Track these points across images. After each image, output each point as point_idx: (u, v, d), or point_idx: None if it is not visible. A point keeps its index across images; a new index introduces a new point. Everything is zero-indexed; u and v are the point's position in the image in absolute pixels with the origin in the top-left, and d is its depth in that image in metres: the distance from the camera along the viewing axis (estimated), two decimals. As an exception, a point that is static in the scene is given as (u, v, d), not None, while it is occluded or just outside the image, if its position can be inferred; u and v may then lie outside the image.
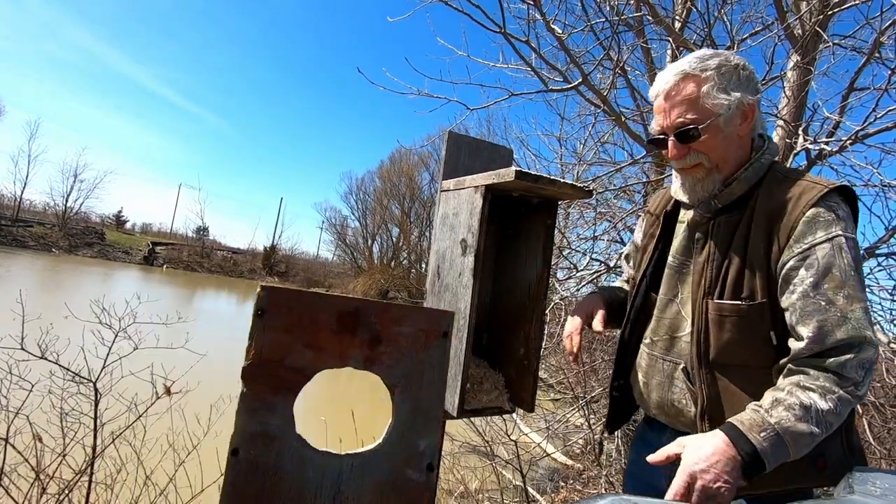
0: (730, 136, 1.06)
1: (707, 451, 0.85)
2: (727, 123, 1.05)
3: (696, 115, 1.05)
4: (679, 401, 1.12)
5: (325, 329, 0.65)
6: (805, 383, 0.90)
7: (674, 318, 1.15)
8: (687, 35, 3.39)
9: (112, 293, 9.73)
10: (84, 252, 27.30)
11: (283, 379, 0.63)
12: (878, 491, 0.72)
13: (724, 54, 1.08)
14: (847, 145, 2.68)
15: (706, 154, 1.07)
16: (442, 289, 1.30)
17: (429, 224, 24.30)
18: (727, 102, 1.04)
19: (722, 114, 1.04)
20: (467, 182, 1.24)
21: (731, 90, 1.04)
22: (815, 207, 0.98)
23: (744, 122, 1.07)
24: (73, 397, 2.44)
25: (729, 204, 1.09)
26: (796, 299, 0.95)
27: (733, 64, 1.06)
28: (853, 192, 1.03)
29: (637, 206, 3.96)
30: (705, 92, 1.04)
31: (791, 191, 1.02)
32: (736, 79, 1.05)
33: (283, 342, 0.63)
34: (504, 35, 2.82)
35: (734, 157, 1.08)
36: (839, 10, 2.64)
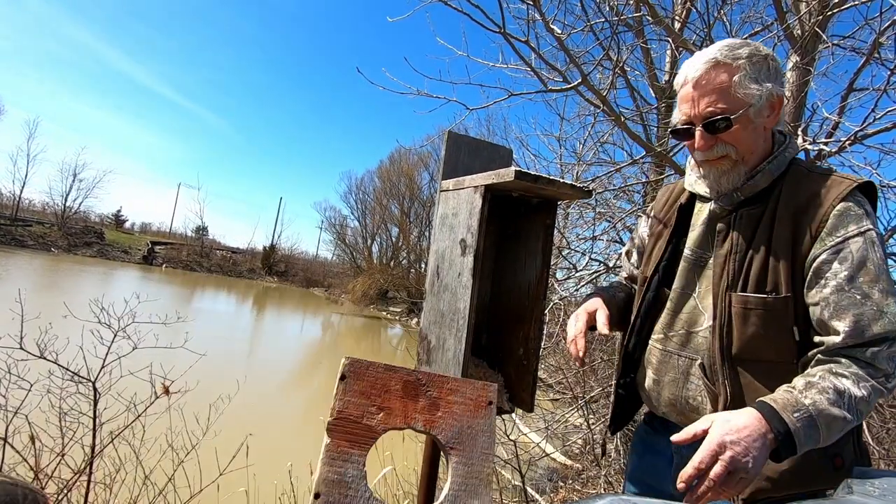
0: (758, 127, 1.04)
1: (738, 424, 0.82)
2: (757, 115, 1.02)
3: (727, 105, 1.01)
4: (694, 398, 1.10)
5: (393, 395, 0.76)
6: (837, 370, 0.89)
7: (690, 313, 1.12)
8: (686, 35, 3.39)
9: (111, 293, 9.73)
10: (83, 251, 27.28)
11: (358, 435, 0.73)
12: (876, 491, 0.73)
13: (754, 44, 1.05)
14: (846, 146, 2.68)
15: (734, 145, 1.04)
16: (441, 289, 1.30)
17: (428, 224, 24.32)
18: (758, 93, 1.01)
19: (753, 104, 1.01)
20: (467, 182, 1.24)
21: (762, 80, 1.02)
22: (845, 202, 0.97)
23: (771, 114, 1.05)
24: (72, 397, 2.44)
25: (751, 196, 1.07)
26: (829, 293, 0.94)
27: (763, 54, 1.04)
28: (875, 189, 1.03)
29: (636, 207, 3.96)
30: (737, 81, 1.01)
31: (818, 185, 1.01)
32: (766, 69, 1.03)
33: (359, 404, 0.74)
34: (503, 35, 2.82)
35: (760, 150, 1.06)
36: (838, 11, 2.64)
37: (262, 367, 9.57)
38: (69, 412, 2.42)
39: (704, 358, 1.08)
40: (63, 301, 2.82)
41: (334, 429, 0.71)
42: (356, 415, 0.73)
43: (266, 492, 3.07)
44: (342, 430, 0.72)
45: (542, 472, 4.60)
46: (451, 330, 1.21)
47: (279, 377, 9.31)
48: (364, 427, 0.74)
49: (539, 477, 4.49)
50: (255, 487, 2.97)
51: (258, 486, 2.99)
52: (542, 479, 4.45)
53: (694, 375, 1.09)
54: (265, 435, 5.08)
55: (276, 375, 9.31)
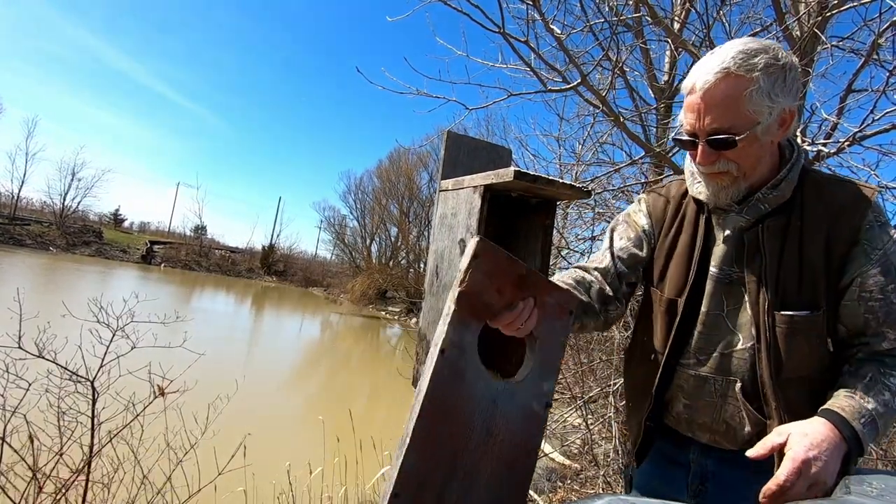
0: (764, 144, 0.99)
1: (817, 438, 0.82)
2: (765, 132, 0.96)
3: (734, 123, 0.95)
4: (732, 418, 1.07)
5: (509, 282, 0.86)
6: (886, 370, 0.93)
7: (723, 333, 1.09)
8: (686, 36, 3.39)
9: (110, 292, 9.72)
10: (82, 251, 27.24)
11: (478, 309, 0.84)
12: (874, 491, 0.73)
13: (773, 49, 0.96)
14: (845, 147, 2.69)
15: (736, 162, 0.99)
16: (440, 289, 1.30)
17: (427, 224, 24.31)
18: (769, 110, 0.94)
19: (762, 122, 0.95)
20: (466, 182, 1.24)
21: (775, 95, 0.94)
22: (873, 212, 0.98)
23: (781, 129, 1.00)
24: (71, 396, 2.44)
25: (777, 207, 1.04)
26: (877, 303, 0.96)
27: (781, 64, 0.95)
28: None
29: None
30: (747, 97, 0.93)
31: (842, 194, 1.01)
32: (782, 82, 0.95)
33: (483, 283, 0.83)
34: (503, 35, 2.82)
35: (765, 164, 1.03)
36: (837, 12, 2.65)
37: (261, 367, 9.56)
38: (67, 411, 2.42)
39: (744, 379, 1.05)
40: (62, 300, 2.82)
41: (461, 299, 0.82)
42: (478, 291, 0.83)
43: (264, 492, 3.07)
44: (466, 302, 0.82)
45: (541, 471, 4.60)
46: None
47: (278, 377, 9.30)
48: (483, 303, 0.84)
49: (537, 477, 4.49)
50: (253, 487, 2.97)
51: (256, 486, 2.99)
52: (540, 478, 4.45)
53: (732, 398, 1.07)
54: (264, 435, 5.08)
55: (275, 375, 9.30)
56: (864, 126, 2.55)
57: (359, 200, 29.92)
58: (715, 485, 1.12)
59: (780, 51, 0.97)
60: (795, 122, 1.02)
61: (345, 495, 3.43)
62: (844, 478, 0.79)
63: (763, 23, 3.39)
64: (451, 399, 0.82)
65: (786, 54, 0.97)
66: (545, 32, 2.97)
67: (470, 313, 0.84)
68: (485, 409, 0.86)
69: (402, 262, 27.47)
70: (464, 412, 0.83)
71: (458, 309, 0.82)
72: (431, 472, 0.80)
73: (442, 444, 0.81)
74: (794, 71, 0.97)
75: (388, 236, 28.89)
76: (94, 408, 2.41)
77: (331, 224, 31.54)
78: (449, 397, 0.82)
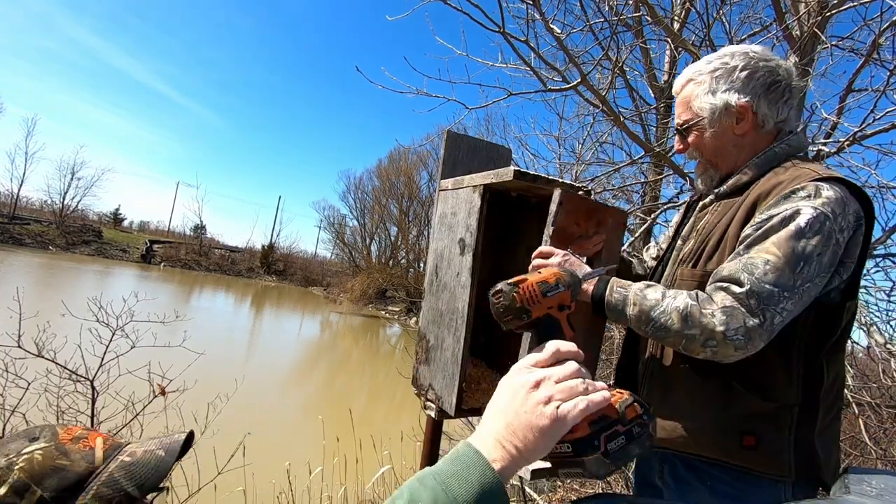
0: (720, 135, 1.10)
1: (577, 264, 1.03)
2: (712, 124, 1.10)
3: (689, 117, 1.13)
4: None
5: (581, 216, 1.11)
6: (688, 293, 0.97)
7: None
8: (685, 36, 3.39)
9: (109, 291, 9.71)
10: (81, 250, 27.22)
11: (564, 235, 1.08)
12: (874, 491, 0.73)
13: (730, 55, 1.09)
14: (845, 146, 2.69)
15: (698, 150, 1.15)
16: (440, 288, 1.30)
17: (427, 223, 24.29)
18: (710, 106, 1.09)
19: (704, 116, 1.10)
20: (466, 181, 1.24)
21: (719, 92, 1.08)
22: (802, 189, 0.95)
23: (741, 122, 1.08)
24: (70, 395, 2.44)
25: (735, 189, 1.11)
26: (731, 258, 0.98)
27: (731, 66, 1.08)
28: (857, 188, 0.98)
29: (635, 206, 3.96)
30: (695, 94, 1.12)
31: (787, 174, 1.02)
32: (725, 80, 1.08)
33: (566, 221, 1.08)
34: (503, 34, 2.82)
35: (731, 156, 1.11)
36: (837, 12, 2.64)
37: (261, 367, 9.56)
38: (67, 411, 2.42)
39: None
40: (61, 299, 2.82)
41: (555, 233, 1.06)
42: (563, 226, 1.07)
43: (264, 491, 3.07)
44: (560, 232, 1.07)
45: (541, 471, 4.60)
46: (450, 329, 1.21)
47: (277, 376, 9.30)
48: (568, 233, 1.09)
49: (537, 476, 4.49)
50: (253, 486, 2.97)
51: (256, 486, 2.99)
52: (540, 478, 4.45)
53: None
54: (263, 434, 5.07)
55: (275, 375, 9.29)
56: (865, 125, 2.55)
57: (358, 200, 29.91)
58: (669, 470, 1.14)
59: (744, 57, 1.08)
60: (768, 113, 1.07)
61: (344, 495, 3.43)
62: (843, 476, 0.79)
63: (763, 22, 3.39)
64: None
65: (741, 60, 1.08)
66: (545, 32, 2.97)
67: (559, 243, 1.06)
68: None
69: (402, 261, 27.46)
70: None
71: (553, 242, 1.06)
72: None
73: None
74: (747, 70, 1.07)
75: (387, 236, 28.88)
76: (94, 407, 2.41)
77: (330, 223, 31.52)
78: None
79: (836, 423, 1.07)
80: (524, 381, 0.49)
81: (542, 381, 0.49)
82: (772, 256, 0.90)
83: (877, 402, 2.71)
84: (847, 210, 0.94)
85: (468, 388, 1.24)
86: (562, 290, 0.60)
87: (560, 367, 0.51)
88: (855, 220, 0.96)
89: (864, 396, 2.70)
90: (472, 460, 0.45)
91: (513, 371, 0.52)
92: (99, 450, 0.68)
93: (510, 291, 0.58)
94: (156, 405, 2.58)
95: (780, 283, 0.89)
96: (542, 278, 0.59)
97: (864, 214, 0.98)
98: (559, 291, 0.60)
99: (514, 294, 0.57)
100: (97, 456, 0.67)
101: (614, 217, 1.19)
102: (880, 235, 2.87)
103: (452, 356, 1.19)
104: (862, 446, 2.66)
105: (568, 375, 0.50)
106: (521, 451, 0.46)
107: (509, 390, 0.50)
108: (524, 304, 0.57)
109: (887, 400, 2.77)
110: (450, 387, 1.19)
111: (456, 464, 0.45)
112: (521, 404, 0.48)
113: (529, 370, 0.51)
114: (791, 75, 1.09)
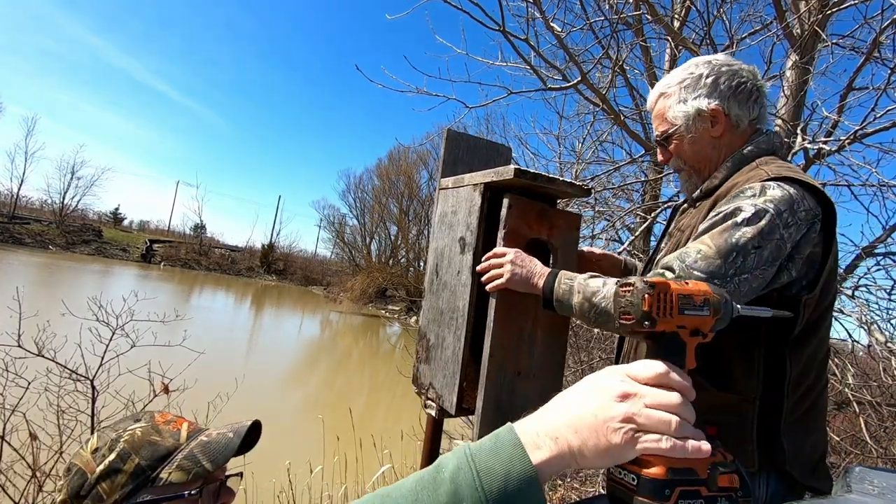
0: (698, 140, 1.15)
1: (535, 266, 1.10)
2: (688, 130, 1.15)
3: (666, 127, 1.19)
4: None
5: (532, 218, 1.17)
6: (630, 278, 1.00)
7: None
8: (686, 34, 3.38)
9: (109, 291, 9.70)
10: (81, 249, 27.22)
11: (516, 237, 1.14)
12: (875, 490, 0.73)
13: (695, 65, 1.16)
14: (845, 145, 2.69)
15: (681, 158, 1.19)
16: (440, 287, 1.30)
17: (427, 222, 24.29)
18: (683, 113, 1.15)
19: (680, 124, 1.16)
20: (466, 180, 1.24)
21: (690, 100, 1.14)
22: (753, 188, 0.98)
23: (716, 125, 1.13)
24: (70, 395, 2.44)
25: (707, 192, 1.15)
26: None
27: (697, 74, 1.14)
28: (814, 188, 0.99)
29: (635, 205, 3.96)
30: (668, 106, 1.18)
31: (745, 176, 1.05)
32: (694, 88, 1.14)
33: (517, 224, 1.15)
34: (503, 33, 2.82)
35: (712, 159, 1.16)
36: (838, 10, 2.64)
37: (261, 366, 9.56)
38: (67, 410, 2.42)
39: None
40: (61, 299, 2.82)
41: (507, 234, 1.13)
42: (514, 228, 1.14)
43: (264, 490, 3.07)
44: (512, 234, 1.14)
45: (541, 470, 4.60)
46: (451, 328, 1.21)
47: (278, 376, 9.30)
48: (520, 234, 1.15)
49: (537, 475, 4.49)
50: (253, 485, 2.97)
51: (256, 484, 2.99)
52: (540, 477, 4.45)
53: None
54: (263, 433, 5.05)
55: (275, 374, 9.30)
56: (865, 124, 2.55)
57: (358, 199, 29.89)
58: None
59: (707, 65, 1.14)
60: (731, 119, 1.12)
61: (345, 493, 3.43)
62: (845, 475, 0.79)
63: (763, 20, 3.38)
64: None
65: (705, 67, 1.14)
66: (545, 31, 2.97)
67: (513, 244, 1.13)
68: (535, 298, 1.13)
69: (402, 260, 27.46)
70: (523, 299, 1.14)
71: (505, 243, 1.13)
72: (508, 340, 1.13)
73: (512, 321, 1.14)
74: (712, 76, 1.13)
75: (387, 235, 28.87)
76: (94, 406, 2.41)
77: (330, 223, 31.50)
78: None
79: (812, 418, 1.07)
80: (613, 386, 0.44)
81: (632, 397, 0.43)
82: (704, 246, 0.94)
83: (877, 400, 2.71)
84: (797, 208, 0.96)
85: (468, 388, 1.23)
86: (705, 313, 0.51)
87: (661, 392, 0.44)
88: (808, 218, 0.97)
89: (864, 395, 2.70)
90: (508, 440, 0.42)
91: (604, 372, 0.47)
92: (184, 431, 0.83)
93: (643, 291, 0.49)
94: (156, 404, 2.58)
95: (709, 271, 0.92)
96: (688, 291, 0.51)
97: (821, 213, 0.98)
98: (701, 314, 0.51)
99: (645, 295, 0.49)
100: (182, 435, 0.82)
101: (566, 220, 1.23)
102: (881, 234, 2.87)
103: (453, 355, 1.18)
104: (862, 445, 2.66)
105: (664, 405, 0.43)
106: (573, 450, 0.42)
107: (591, 389, 0.45)
108: (651, 311, 0.49)
109: (888, 398, 2.77)
110: (450, 385, 1.19)
111: (493, 440, 0.43)
112: (599, 407, 0.43)
113: (623, 379, 0.45)
114: (755, 76, 1.14)
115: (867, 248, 2.86)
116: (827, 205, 0.99)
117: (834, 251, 1.03)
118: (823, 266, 1.01)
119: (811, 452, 1.07)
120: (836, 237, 1.03)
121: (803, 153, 2.86)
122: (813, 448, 1.08)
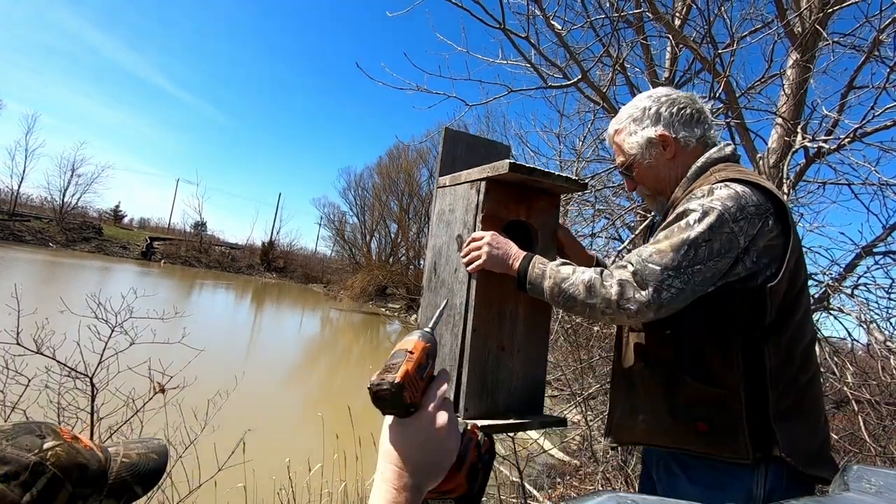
0: (654, 165, 1.25)
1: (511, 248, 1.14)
2: (644, 157, 1.25)
3: (624, 158, 1.29)
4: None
5: (511, 200, 1.20)
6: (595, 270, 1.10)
7: None
8: (687, 32, 3.37)
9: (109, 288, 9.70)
10: (81, 247, 27.24)
11: (494, 220, 1.18)
12: (873, 488, 0.73)
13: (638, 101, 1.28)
14: (846, 143, 2.69)
15: (643, 184, 1.29)
16: (438, 284, 1.30)
17: (427, 220, 24.21)
18: (636, 143, 1.25)
19: (636, 153, 1.26)
20: (462, 177, 1.24)
21: (639, 131, 1.25)
22: (705, 193, 1.08)
23: (667, 148, 1.23)
24: (70, 392, 2.43)
25: (670, 207, 1.22)
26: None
27: (642, 107, 1.25)
28: (761, 186, 1.08)
29: (635, 204, 3.96)
30: (623, 139, 1.28)
31: (698, 183, 1.15)
32: (641, 120, 1.25)
33: (495, 207, 1.18)
34: (503, 31, 2.81)
35: (670, 178, 1.25)
36: (839, 8, 2.64)
37: (261, 363, 9.57)
38: (67, 407, 2.42)
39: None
40: (60, 296, 2.81)
41: (485, 218, 1.16)
42: (492, 212, 1.17)
43: (264, 487, 3.08)
44: (489, 217, 1.17)
45: (541, 468, 4.61)
46: (448, 325, 1.21)
47: (278, 373, 9.31)
48: (496, 217, 1.18)
49: (537, 473, 4.50)
50: (253, 483, 2.97)
51: (256, 482, 3.00)
52: (540, 475, 4.46)
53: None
54: (263, 431, 5.07)
55: (275, 371, 9.31)
56: (865, 122, 2.55)
57: (358, 197, 29.88)
58: (661, 463, 1.24)
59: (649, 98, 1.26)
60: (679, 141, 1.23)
61: (344, 491, 3.43)
62: (843, 473, 0.79)
63: (764, 19, 3.37)
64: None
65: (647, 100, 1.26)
66: (546, 28, 2.96)
67: (490, 226, 1.16)
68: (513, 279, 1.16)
69: (402, 258, 27.46)
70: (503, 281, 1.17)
71: (484, 224, 1.16)
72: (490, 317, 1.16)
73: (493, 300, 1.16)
74: (654, 107, 1.24)
75: (387, 233, 28.87)
76: (94, 404, 2.41)
77: (330, 220, 31.49)
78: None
79: (805, 406, 1.10)
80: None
81: None
82: (658, 244, 1.04)
83: (876, 399, 2.71)
84: (744, 203, 1.04)
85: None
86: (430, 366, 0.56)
87: None
88: (758, 212, 1.05)
89: (863, 394, 2.70)
90: None
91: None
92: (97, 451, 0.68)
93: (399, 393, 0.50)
94: (156, 402, 2.58)
95: (663, 264, 1.01)
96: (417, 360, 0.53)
97: (772, 207, 1.07)
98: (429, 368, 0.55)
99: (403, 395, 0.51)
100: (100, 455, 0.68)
101: (546, 201, 1.27)
102: (881, 233, 2.87)
103: (451, 352, 1.18)
104: (861, 443, 2.66)
105: None
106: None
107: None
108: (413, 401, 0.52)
109: (886, 397, 2.77)
110: (449, 383, 1.19)
111: None
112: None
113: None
114: (694, 101, 1.26)
115: (867, 247, 2.86)
116: (775, 200, 1.08)
117: (794, 241, 1.09)
118: (784, 255, 1.07)
119: (809, 440, 1.09)
120: (794, 228, 1.11)
121: (803, 152, 2.85)
122: (810, 435, 1.10)
